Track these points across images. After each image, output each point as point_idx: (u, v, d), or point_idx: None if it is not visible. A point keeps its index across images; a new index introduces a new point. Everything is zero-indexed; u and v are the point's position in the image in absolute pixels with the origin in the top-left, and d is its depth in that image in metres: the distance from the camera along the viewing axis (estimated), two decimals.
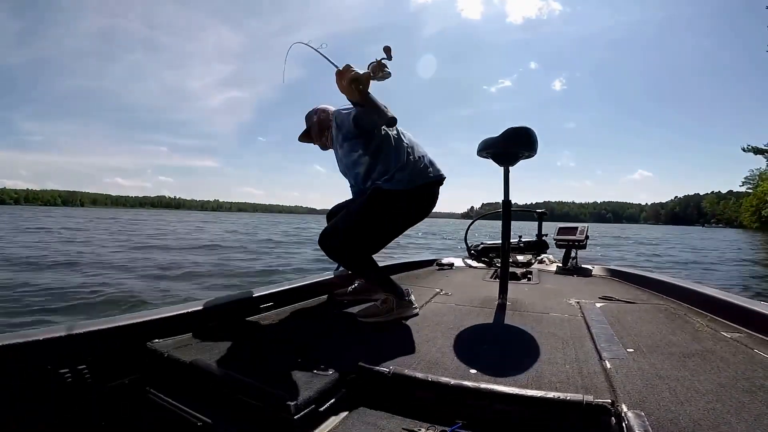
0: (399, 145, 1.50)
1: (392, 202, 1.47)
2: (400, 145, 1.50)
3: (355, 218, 1.47)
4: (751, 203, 57.58)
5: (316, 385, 0.89)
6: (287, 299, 1.64)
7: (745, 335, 1.27)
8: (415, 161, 1.50)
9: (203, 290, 4.29)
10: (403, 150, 1.50)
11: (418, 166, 1.50)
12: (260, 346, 1.15)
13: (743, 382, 0.91)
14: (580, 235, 2.80)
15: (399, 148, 1.49)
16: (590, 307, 1.67)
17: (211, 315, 1.31)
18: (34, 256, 6.14)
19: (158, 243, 9.69)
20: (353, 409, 0.90)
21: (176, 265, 5.88)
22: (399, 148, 1.49)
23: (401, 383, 0.94)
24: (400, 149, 1.49)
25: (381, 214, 1.47)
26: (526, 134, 1.60)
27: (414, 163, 1.50)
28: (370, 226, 1.48)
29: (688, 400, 0.82)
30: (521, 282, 2.35)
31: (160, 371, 1.04)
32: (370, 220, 1.47)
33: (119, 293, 3.77)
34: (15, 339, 0.90)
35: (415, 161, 1.51)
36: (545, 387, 0.88)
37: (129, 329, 1.08)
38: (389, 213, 1.49)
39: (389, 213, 1.49)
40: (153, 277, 4.84)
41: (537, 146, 1.63)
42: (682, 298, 1.78)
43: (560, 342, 1.21)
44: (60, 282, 4.20)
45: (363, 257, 1.48)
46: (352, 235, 1.44)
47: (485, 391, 0.87)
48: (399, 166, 1.47)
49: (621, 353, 1.10)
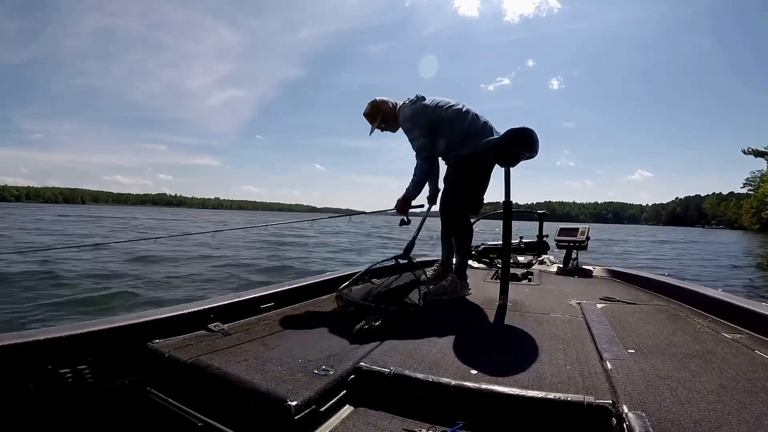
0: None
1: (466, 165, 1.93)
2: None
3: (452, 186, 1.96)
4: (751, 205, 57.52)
5: (317, 385, 0.89)
6: (288, 300, 1.64)
7: (746, 336, 1.27)
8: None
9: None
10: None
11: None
12: (260, 346, 1.15)
13: (744, 383, 0.90)
14: (581, 236, 2.80)
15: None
16: (591, 307, 1.67)
17: (211, 315, 1.31)
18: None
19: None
20: (354, 410, 0.90)
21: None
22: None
23: (402, 384, 0.94)
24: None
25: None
26: (528, 135, 1.60)
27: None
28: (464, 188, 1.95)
29: (689, 401, 0.82)
30: (522, 283, 2.35)
31: (161, 371, 1.03)
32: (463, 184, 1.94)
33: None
34: (15, 339, 0.90)
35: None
36: (546, 388, 0.88)
37: (129, 329, 1.08)
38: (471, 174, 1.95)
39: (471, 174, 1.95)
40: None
41: (538, 147, 1.63)
42: (683, 299, 1.78)
43: (561, 343, 1.21)
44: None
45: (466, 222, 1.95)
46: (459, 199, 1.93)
47: (486, 392, 0.87)
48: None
49: (622, 354, 1.10)
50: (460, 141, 1.90)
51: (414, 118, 1.91)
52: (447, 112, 1.91)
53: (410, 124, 1.92)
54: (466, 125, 1.89)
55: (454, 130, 1.90)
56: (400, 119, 1.98)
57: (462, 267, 1.90)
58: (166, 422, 0.93)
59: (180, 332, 1.19)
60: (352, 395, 0.94)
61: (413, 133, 1.92)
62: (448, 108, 1.92)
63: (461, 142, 1.89)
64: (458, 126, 1.90)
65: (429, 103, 1.93)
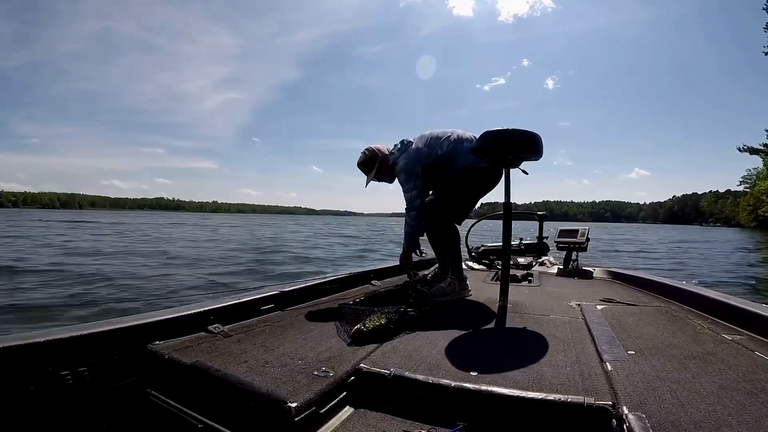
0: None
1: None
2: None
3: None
4: (748, 202, 57.69)
5: (317, 387, 0.89)
6: (288, 301, 1.64)
7: (746, 337, 1.27)
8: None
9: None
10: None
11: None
12: (261, 348, 1.15)
13: (744, 385, 0.90)
14: (581, 238, 2.80)
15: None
16: (591, 309, 1.67)
17: (211, 317, 1.30)
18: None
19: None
20: (354, 411, 0.90)
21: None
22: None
23: (402, 385, 0.94)
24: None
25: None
26: (531, 138, 1.58)
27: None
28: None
29: (689, 403, 0.82)
30: (522, 284, 2.35)
31: (161, 373, 1.03)
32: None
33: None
34: (15, 341, 0.89)
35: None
36: (546, 389, 0.88)
37: (129, 331, 1.08)
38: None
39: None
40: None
41: (542, 149, 1.60)
42: (683, 301, 1.78)
43: (561, 344, 1.21)
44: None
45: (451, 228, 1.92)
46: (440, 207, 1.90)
47: (486, 393, 0.87)
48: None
49: (622, 355, 1.10)
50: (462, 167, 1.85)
51: (407, 169, 1.85)
52: (443, 149, 1.86)
53: (405, 176, 1.86)
54: (464, 152, 1.83)
55: (456, 161, 1.85)
56: (396, 169, 1.90)
57: (458, 269, 1.91)
58: (166, 424, 0.92)
59: (180, 334, 1.18)
60: (352, 397, 0.94)
61: (406, 186, 1.87)
62: (443, 143, 1.87)
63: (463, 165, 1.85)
64: (459, 158, 1.84)
65: (422, 146, 1.87)
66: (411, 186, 1.85)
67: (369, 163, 1.94)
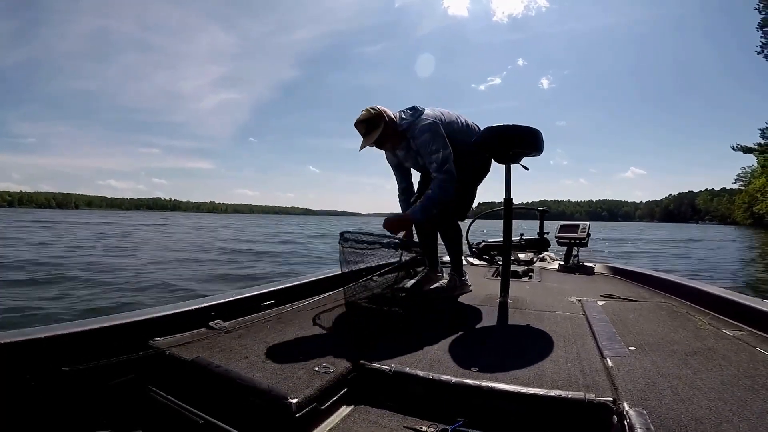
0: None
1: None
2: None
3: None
4: (743, 200, 58.01)
5: (318, 383, 0.88)
6: (289, 297, 1.63)
7: (747, 333, 1.27)
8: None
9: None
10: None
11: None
12: (261, 344, 1.14)
13: (745, 380, 0.90)
14: (582, 233, 2.80)
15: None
16: (592, 305, 1.67)
17: (212, 313, 1.30)
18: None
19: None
20: (354, 408, 0.90)
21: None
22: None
23: (402, 381, 0.94)
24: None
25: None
26: (532, 134, 1.58)
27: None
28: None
29: (690, 398, 0.81)
30: (523, 280, 2.35)
31: (162, 369, 1.03)
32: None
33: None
34: (16, 337, 0.89)
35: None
36: (547, 385, 0.88)
37: (130, 327, 1.08)
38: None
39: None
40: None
41: (542, 145, 1.60)
42: (684, 296, 1.78)
43: (562, 340, 1.21)
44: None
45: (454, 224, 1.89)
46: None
47: (486, 389, 0.87)
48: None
49: (623, 351, 1.10)
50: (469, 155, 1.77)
51: (431, 129, 1.66)
52: (456, 127, 1.76)
53: (430, 135, 1.65)
54: (471, 140, 1.73)
55: (468, 144, 1.72)
56: (417, 131, 1.67)
57: (458, 265, 1.91)
58: (167, 420, 0.92)
59: (181, 330, 1.18)
60: (352, 393, 0.94)
61: (434, 145, 1.64)
62: (458, 120, 1.79)
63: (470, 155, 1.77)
64: (469, 140, 1.73)
65: (439, 115, 1.75)
66: (440, 144, 1.64)
67: (373, 122, 1.65)
